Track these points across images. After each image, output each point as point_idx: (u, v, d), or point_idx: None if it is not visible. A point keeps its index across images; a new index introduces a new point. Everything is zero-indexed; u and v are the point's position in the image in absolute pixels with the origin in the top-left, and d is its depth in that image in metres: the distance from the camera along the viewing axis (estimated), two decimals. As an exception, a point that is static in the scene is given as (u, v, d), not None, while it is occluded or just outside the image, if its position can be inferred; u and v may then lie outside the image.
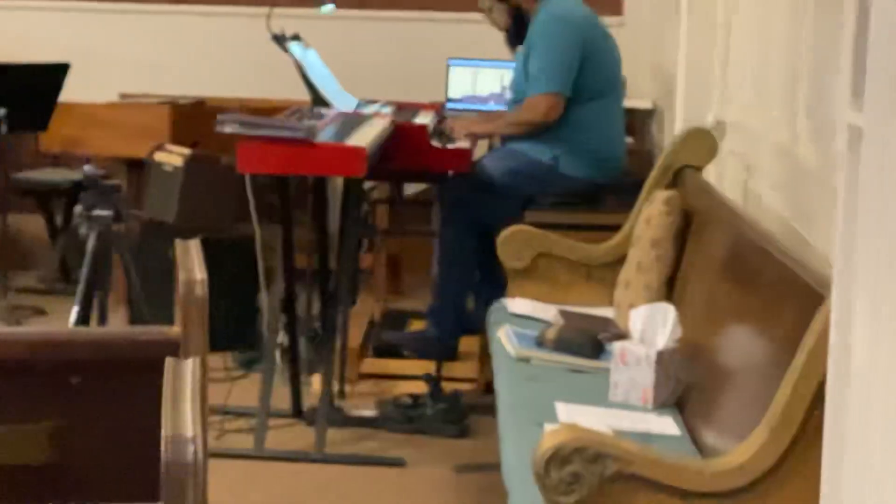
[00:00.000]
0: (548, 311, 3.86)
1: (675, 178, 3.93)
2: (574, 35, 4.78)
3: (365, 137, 4.02)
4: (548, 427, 2.90)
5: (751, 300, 2.88)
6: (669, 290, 3.59)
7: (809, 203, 3.04)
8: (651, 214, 3.61)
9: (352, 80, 6.10)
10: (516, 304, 3.91)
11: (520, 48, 4.96)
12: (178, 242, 2.45)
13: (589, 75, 4.78)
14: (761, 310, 2.81)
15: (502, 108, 5.78)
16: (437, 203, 5.04)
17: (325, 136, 3.92)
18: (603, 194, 4.81)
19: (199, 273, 2.17)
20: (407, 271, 6.43)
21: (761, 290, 2.83)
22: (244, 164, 3.74)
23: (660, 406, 3.11)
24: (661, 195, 3.62)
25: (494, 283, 4.87)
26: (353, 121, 4.45)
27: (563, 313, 3.75)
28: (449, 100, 5.92)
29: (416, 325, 5.17)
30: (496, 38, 6.11)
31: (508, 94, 5.87)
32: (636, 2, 6.65)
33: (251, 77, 6.55)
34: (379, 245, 6.01)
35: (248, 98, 6.51)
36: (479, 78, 5.90)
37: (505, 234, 3.98)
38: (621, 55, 4.95)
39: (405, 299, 6.26)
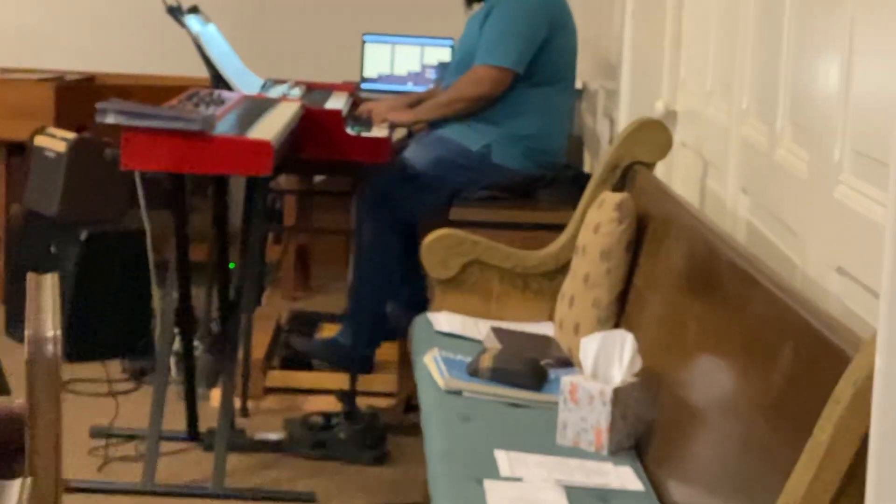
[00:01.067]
0: (479, 329, 3.39)
1: (624, 177, 3.47)
2: (542, 11, 4.31)
3: (271, 128, 3.50)
4: (488, 485, 2.43)
5: (724, 324, 2.43)
6: (621, 307, 3.13)
7: (793, 213, 2.59)
8: (600, 221, 3.14)
9: (257, 57, 5.57)
10: (443, 319, 3.43)
11: (476, 6, 4.46)
12: (31, 277, 1.95)
13: (545, 57, 4.30)
14: (739, 336, 2.36)
15: (422, 88, 5.30)
16: (354, 197, 4.53)
17: (224, 126, 3.40)
18: (537, 188, 4.34)
19: (51, 326, 1.67)
20: (318, 263, 5.93)
21: (738, 313, 2.38)
22: (129, 159, 3.20)
23: (615, 449, 2.66)
24: (611, 199, 3.16)
25: (417, 284, 4.40)
26: (257, 106, 3.92)
27: (498, 332, 3.28)
28: (363, 80, 5.40)
29: (329, 330, 4.68)
30: (417, 11, 5.62)
31: (435, 72, 5.41)
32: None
33: (147, 51, 5.98)
34: (287, 237, 5.49)
35: (144, 74, 5.96)
36: (397, 56, 5.39)
37: (429, 240, 3.49)
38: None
39: (316, 296, 5.76)
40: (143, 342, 4.67)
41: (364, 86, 5.37)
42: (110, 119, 3.17)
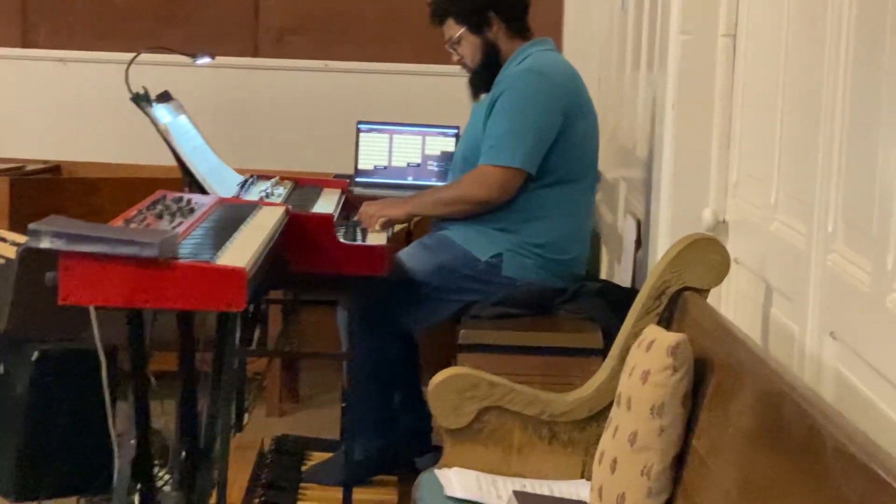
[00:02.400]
0: (499, 490, 2.78)
1: (672, 304, 2.88)
2: (554, 99, 3.74)
3: (247, 247, 2.91)
4: None
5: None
6: (676, 473, 2.53)
7: (870, 347, 2.01)
8: (649, 368, 2.55)
9: (241, 148, 5.05)
10: (454, 479, 2.82)
11: (483, 97, 3.90)
12: None
13: (561, 152, 3.74)
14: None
15: (424, 182, 4.73)
16: (339, 308, 3.94)
17: (189, 247, 2.81)
18: (557, 303, 3.75)
19: None
20: (308, 368, 5.33)
21: (832, 493, 1.79)
22: (69, 291, 2.61)
23: None
24: (663, 340, 2.56)
25: (419, 408, 3.81)
26: (233, 214, 3.34)
27: (522, 498, 2.67)
28: (358, 172, 4.82)
29: (317, 460, 4.08)
30: (417, 96, 5.07)
31: (438, 164, 4.84)
32: (578, 47, 5.62)
33: (119, 139, 5.41)
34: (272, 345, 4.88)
35: (116, 163, 5.38)
36: (396, 146, 4.82)
37: (437, 382, 2.89)
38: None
39: (306, 409, 5.15)
40: (103, 477, 4.05)
41: (359, 179, 4.79)
42: (45, 244, 2.58)
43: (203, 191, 3.65)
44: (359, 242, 3.67)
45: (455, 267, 3.74)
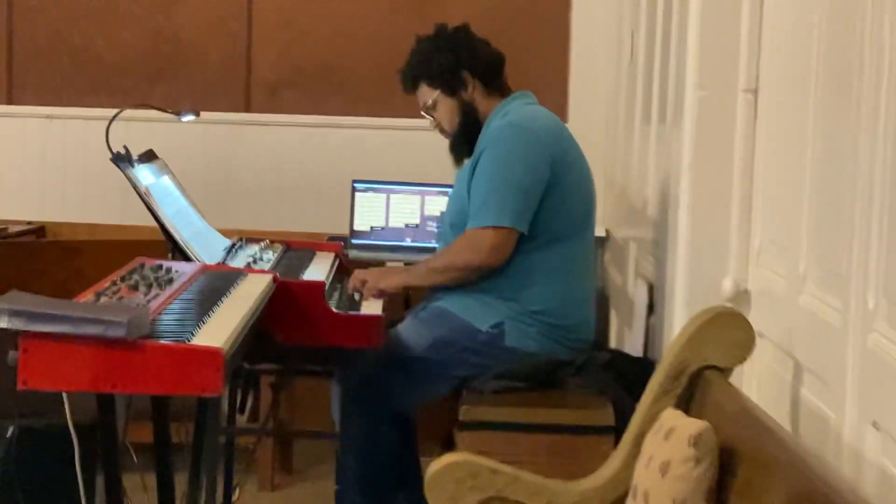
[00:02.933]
0: (503, 591, 2.53)
1: (692, 385, 2.63)
2: (539, 152, 3.51)
3: (228, 321, 2.67)
4: None
5: None
6: (700, 578, 2.26)
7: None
8: (669, 459, 2.30)
9: (229, 205, 4.81)
10: (455, 578, 2.56)
11: (467, 162, 3.67)
12: None
13: (552, 210, 3.51)
14: None
15: (422, 245, 4.50)
16: (332, 383, 3.69)
17: (164, 324, 2.56)
18: (563, 375, 3.50)
19: None
20: (302, 441, 5.07)
21: None
22: (29, 375, 2.36)
23: None
24: (684, 427, 2.31)
25: (416, 490, 3.54)
26: (216, 284, 3.10)
27: None
28: (354, 234, 4.58)
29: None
30: (413, 154, 4.85)
31: (437, 225, 4.60)
32: (585, 99, 5.41)
33: (105, 197, 5.19)
34: (264, 416, 4.63)
35: (102, 224, 5.16)
36: (394, 206, 4.58)
37: (435, 471, 2.63)
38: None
39: (300, 482, 4.88)
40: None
41: (355, 241, 4.56)
42: (3, 323, 2.33)
43: (187, 257, 3.42)
44: (352, 312, 3.42)
45: (454, 339, 3.50)
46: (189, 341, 2.43)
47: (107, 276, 3.18)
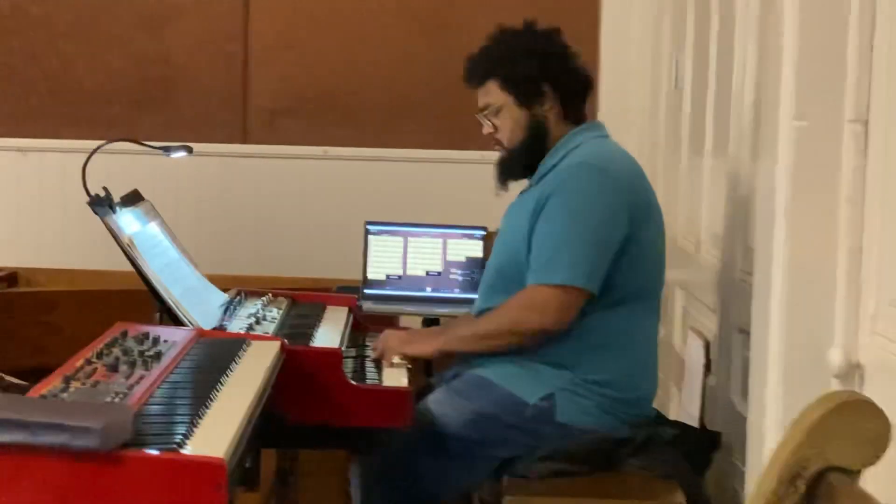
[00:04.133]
0: None
1: (811, 492, 2.10)
2: (619, 201, 2.99)
3: (231, 414, 2.14)
4: None
5: None
6: None
7: None
8: None
9: (226, 248, 4.30)
10: None
11: (526, 192, 3.15)
12: None
13: (627, 268, 3.00)
14: None
15: (445, 294, 3.98)
16: (353, 465, 3.15)
17: (148, 424, 2.03)
18: (623, 456, 2.97)
19: None
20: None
21: None
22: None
23: None
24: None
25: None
26: (212, 360, 2.57)
27: None
28: (367, 283, 4.05)
29: None
30: (433, 190, 4.34)
31: (469, 273, 4.07)
32: (614, 128, 4.89)
33: (84, 239, 4.65)
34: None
35: (81, 269, 4.62)
36: (412, 250, 4.05)
37: None
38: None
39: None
40: None
41: (369, 291, 4.02)
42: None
43: (177, 320, 2.89)
44: (373, 384, 2.90)
45: (496, 414, 2.97)
46: (182, 448, 1.90)
47: (86, 331, 2.68)
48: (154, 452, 1.86)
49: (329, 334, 3.13)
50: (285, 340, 2.82)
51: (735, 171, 3.37)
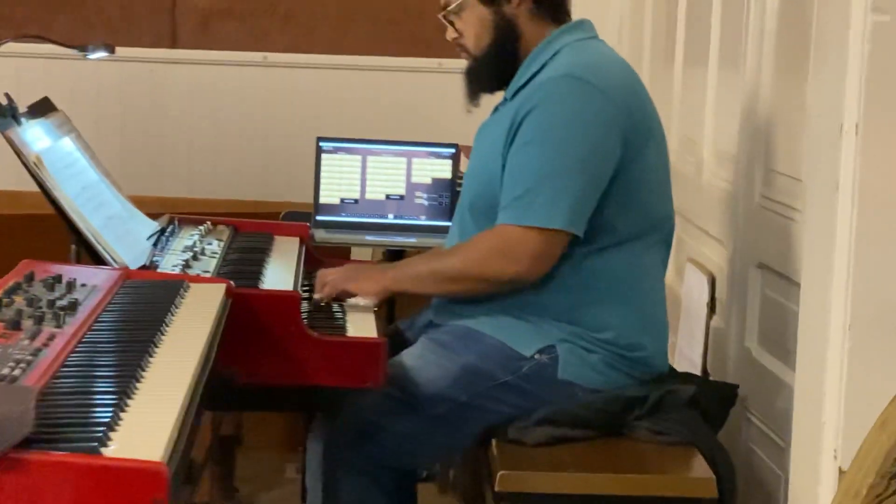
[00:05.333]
0: None
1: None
2: (610, 121, 2.49)
3: (171, 391, 1.63)
4: None
5: None
6: None
7: None
8: None
9: (155, 167, 3.77)
10: None
11: (500, 109, 2.64)
12: None
13: (624, 201, 2.50)
14: None
15: (409, 221, 3.48)
16: (315, 433, 2.65)
17: (62, 410, 1.51)
18: (633, 419, 2.50)
19: None
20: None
21: None
22: None
23: None
24: None
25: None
26: (142, 311, 2.05)
27: None
28: (320, 208, 3.51)
29: None
30: (396, 102, 3.82)
31: (435, 199, 3.55)
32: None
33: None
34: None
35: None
36: (371, 171, 3.51)
37: None
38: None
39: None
40: None
41: (321, 218, 3.49)
42: None
43: (98, 258, 2.37)
44: (338, 335, 2.39)
45: (485, 369, 2.48)
46: (104, 447, 1.39)
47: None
48: (65, 455, 1.35)
49: (280, 272, 2.62)
50: (231, 283, 2.31)
51: (753, 86, 2.89)
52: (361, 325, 2.47)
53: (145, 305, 2.07)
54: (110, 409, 1.50)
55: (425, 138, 3.52)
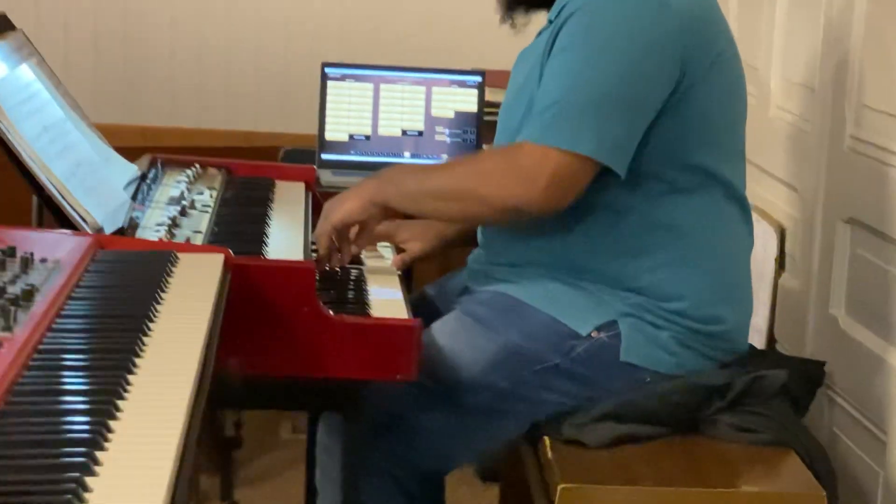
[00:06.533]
0: None
1: None
2: (666, 35, 2.02)
3: (163, 421, 1.19)
4: None
5: None
6: None
7: None
8: None
9: (133, 92, 3.32)
10: None
11: (538, 24, 2.19)
12: None
13: (685, 134, 2.05)
14: None
15: (430, 161, 3.04)
16: (322, 425, 2.21)
17: (17, 449, 1.07)
18: (714, 413, 2.08)
19: None
20: None
21: None
22: None
23: None
24: None
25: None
26: (119, 298, 1.60)
27: None
28: (325, 146, 3.04)
29: None
30: (413, 22, 3.36)
31: (456, 135, 3.08)
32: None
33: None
34: None
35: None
36: (384, 102, 3.04)
37: None
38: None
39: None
40: None
41: (326, 157, 3.03)
42: None
43: (62, 218, 1.91)
44: (363, 317, 1.95)
45: (533, 350, 2.06)
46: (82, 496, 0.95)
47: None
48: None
49: (286, 232, 2.18)
50: (229, 251, 1.86)
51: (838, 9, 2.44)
52: (387, 301, 2.03)
53: (122, 290, 1.62)
54: (83, 451, 1.07)
55: (447, 64, 3.05)
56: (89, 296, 1.58)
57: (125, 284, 1.65)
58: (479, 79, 3.01)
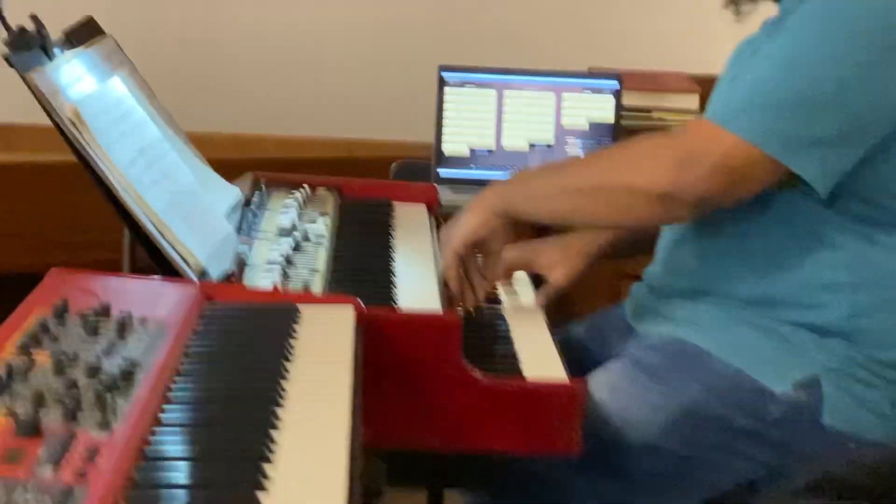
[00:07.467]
0: None
1: None
2: None
3: None
4: None
5: None
6: None
7: None
8: None
9: (217, 99, 3.05)
10: None
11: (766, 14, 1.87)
12: None
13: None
14: None
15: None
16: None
17: None
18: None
19: None
20: None
21: None
22: None
23: None
24: None
25: None
26: (237, 372, 1.31)
27: None
28: (442, 159, 2.73)
29: None
30: (542, 21, 3.05)
31: (586, 141, 2.76)
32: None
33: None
34: None
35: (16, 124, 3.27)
36: (509, 110, 2.72)
37: None
38: None
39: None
40: None
41: (444, 172, 2.72)
42: None
43: (160, 260, 1.62)
44: (515, 378, 1.64)
45: (719, 411, 1.75)
46: None
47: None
48: None
49: (415, 268, 1.87)
50: (359, 301, 1.55)
51: None
52: (538, 354, 1.71)
53: (240, 360, 1.32)
54: None
55: (579, 66, 2.73)
56: (200, 371, 1.28)
57: (241, 352, 1.35)
58: (615, 83, 2.68)
